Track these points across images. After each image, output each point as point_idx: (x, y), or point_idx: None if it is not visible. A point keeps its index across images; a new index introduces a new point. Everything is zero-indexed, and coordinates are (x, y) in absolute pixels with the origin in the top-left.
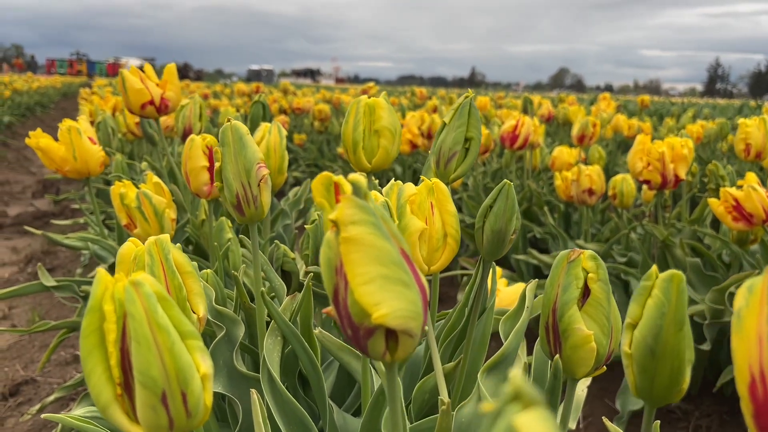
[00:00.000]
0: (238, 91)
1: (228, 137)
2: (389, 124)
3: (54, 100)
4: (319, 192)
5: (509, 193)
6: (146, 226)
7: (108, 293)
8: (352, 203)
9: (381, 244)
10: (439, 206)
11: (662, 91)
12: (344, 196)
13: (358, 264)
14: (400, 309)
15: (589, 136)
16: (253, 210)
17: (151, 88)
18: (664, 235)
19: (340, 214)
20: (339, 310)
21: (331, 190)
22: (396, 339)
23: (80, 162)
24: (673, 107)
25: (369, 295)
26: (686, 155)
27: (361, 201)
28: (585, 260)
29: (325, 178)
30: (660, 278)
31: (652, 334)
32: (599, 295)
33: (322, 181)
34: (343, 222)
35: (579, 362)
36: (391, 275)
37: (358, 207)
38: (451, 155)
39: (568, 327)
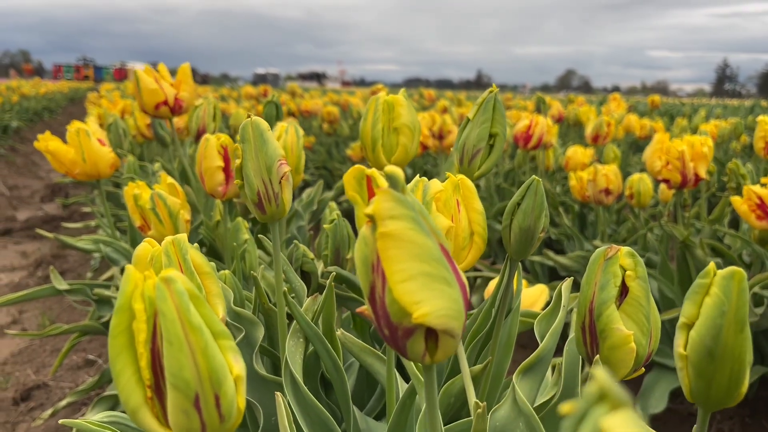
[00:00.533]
0: (245, 94)
1: (248, 133)
2: (409, 121)
3: (61, 105)
4: (351, 186)
5: (538, 190)
6: (161, 227)
7: (138, 291)
8: (390, 196)
9: (421, 240)
10: (466, 203)
11: (670, 92)
12: (381, 189)
13: (397, 261)
14: (441, 308)
15: (604, 136)
16: (275, 208)
17: (165, 88)
18: (685, 236)
19: (377, 208)
20: (375, 309)
21: (364, 184)
22: (436, 339)
23: (90, 164)
24: (684, 107)
25: (409, 294)
26: (706, 153)
27: (398, 194)
28: (622, 257)
29: (357, 171)
30: (719, 275)
31: (711, 335)
32: (638, 294)
33: (354, 174)
34: (381, 216)
35: (618, 364)
36: (432, 272)
37: (396, 200)
38: (475, 152)
39: (606, 327)
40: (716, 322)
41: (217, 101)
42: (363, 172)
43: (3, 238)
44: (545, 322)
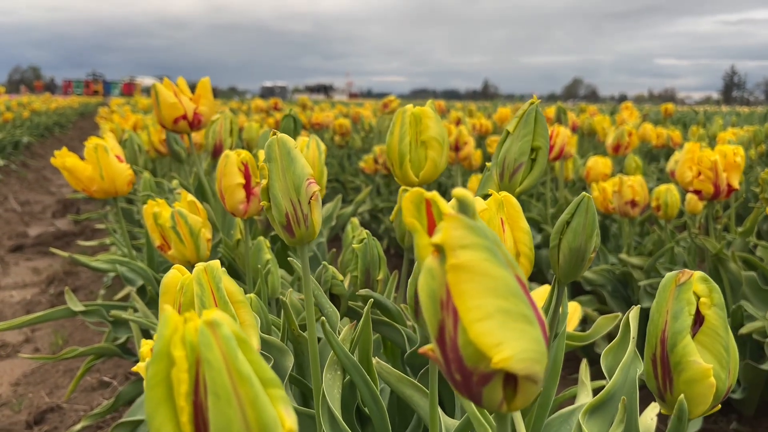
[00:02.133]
0: (255, 108)
1: (275, 152)
2: (437, 134)
3: (71, 120)
4: (410, 211)
5: (589, 207)
6: (181, 247)
7: (177, 335)
8: (461, 224)
9: (498, 273)
10: (511, 222)
11: (677, 99)
12: (450, 216)
13: (472, 296)
14: (524, 350)
15: (625, 146)
16: (304, 230)
17: (184, 102)
18: (717, 248)
19: (446, 237)
20: (445, 351)
21: (423, 209)
22: (515, 385)
23: (107, 181)
24: (697, 116)
25: (487, 334)
26: (739, 163)
27: (470, 221)
28: (696, 283)
29: (416, 195)
30: None
31: None
32: (715, 323)
33: (412, 198)
34: (451, 246)
35: (695, 399)
36: (512, 309)
37: (468, 228)
38: (516, 167)
39: (682, 359)
40: None
41: (234, 116)
42: (422, 195)
43: (15, 255)
44: (612, 356)
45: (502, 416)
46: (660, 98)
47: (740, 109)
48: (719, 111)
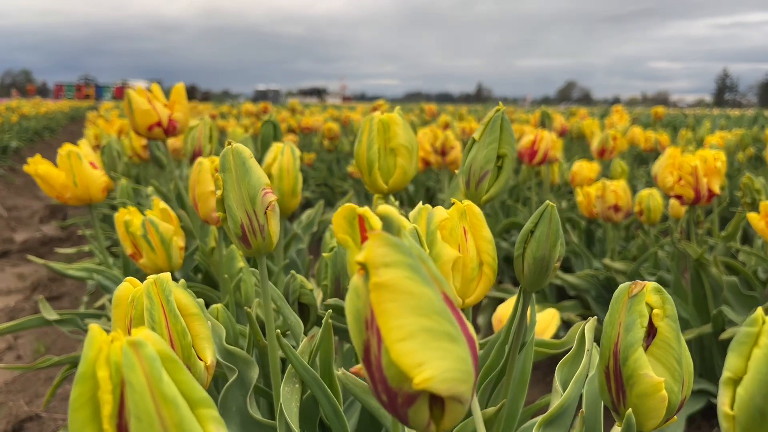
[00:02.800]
0: (245, 112)
1: (229, 162)
2: (406, 141)
3: (62, 125)
4: (341, 227)
5: (552, 216)
6: (152, 255)
7: (102, 356)
8: (384, 241)
9: (421, 291)
10: (473, 231)
11: (671, 102)
12: (373, 233)
13: (394, 316)
14: (447, 370)
15: (610, 150)
16: (260, 241)
17: (158, 108)
18: (699, 253)
19: (369, 255)
20: (371, 371)
21: (356, 225)
22: (442, 406)
23: (81, 188)
24: (687, 119)
25: (409, 354)
26: (720, 168)
27: (394, 238)
28: (649, 294)
29: (347, 210)
30: None
31: (762, 393)
32: (668, 335)
33: (344, 214)
34: (374, 264)
35: (648, 413)
36: (435, 328)
37: (391, 246)
38: (482, 174)
39: (634, 373)
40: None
41: (214, 121)
42: (354, 211)
43: (0, 261)
44: (567, 368)
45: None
46: (653, 101)
47: (731, 111)
48: (710, 114)
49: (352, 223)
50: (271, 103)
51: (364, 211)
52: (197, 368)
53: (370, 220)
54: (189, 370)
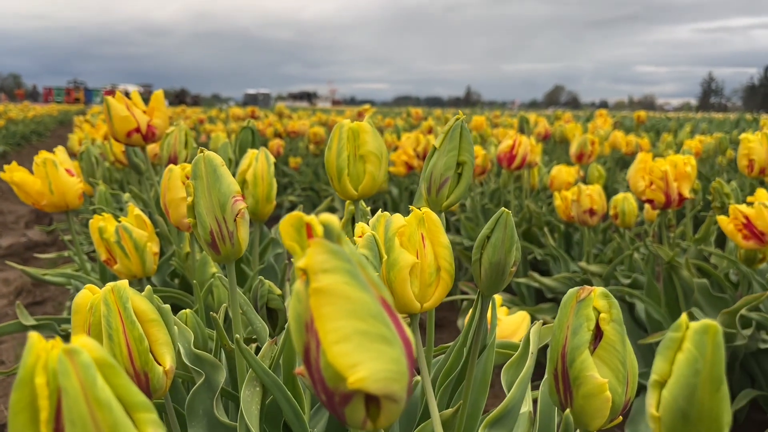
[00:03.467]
0: (233, 116)
1: (200, 169)
2: (375, 148)
3: (50, 129)
4: (289, 235)
5: (508, 222)
6: (126, 261)
7: (41, 363)
8: (324, 248)
9: (357, 295)
10: (431, 237)
11: (657, 106)
12: (314, 241)
13: (331, 319)
14: (380, 370)
15: (588, 154)
16: (230, 247)
17: (137, 115)
18: (670, 256)
19: (309, 262)
20: (311, 372)
21: (303, 233)
22: (378, 404)
23: (57, 195)
24: (670, 122)
25: (344, 356)
26: (689, 173)
27: (333, 245)
28: (596, 299)
29: (295, 218)
30: (692, 329)
31: (684, 395)
32: (613, 338)
33: (291, 221)
34: (314, 270)
35: (593, 413)
36: (370, 331)
37: (330, 253)
38: (443, 181)
39: (580, 374)
40: (690, 381)
41: (200, 125)
42: (302, 219)
43: None
44: (513, 371)
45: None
46: (640, 105)
47: (715, 115)
48: (693, 118)
49: (300, 231)
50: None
51: (310, 219)
52: (155, 373)
53: (316, 228)
54: (146, 375)
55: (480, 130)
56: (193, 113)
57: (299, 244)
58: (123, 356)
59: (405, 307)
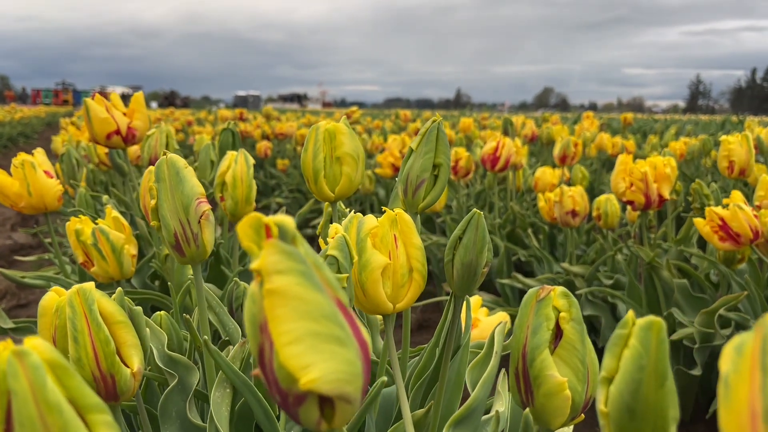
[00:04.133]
0: (221, 118)
1: (163, 172)
2: (351, 150)
3: (38, 131)
4: (248, 235)
5: (479, 223)
6: (104, 263)
7: None
8: (277, 249)
9: (311, 297)
10: (404, 239)
11: (645, 108)
12: (268, 242)
13: (284, 320)
14: (333, 372)
15: (571, 156)
16: (194, 249)
17: (117, 117)
18: (650, 257)
19: (263, 263)
20: (266, 373)
21: (262, 233)
22: (332, 405)
23: (36, 197)
24: (657, 124)
25: (296, 357)
26: (669, 174)
27: (287, 246)
28: (556, 298)
29: (253, 219)
30: (637, 326)
31: (630, 390)
32: (572, 337)
33: (250, 222)
34: (267, 272)
35: (553, 412)
36: (323, 332)
37: (283, 254)
38: (419, 183)
39: (540, 373)
40: (635, 377)
41: (170, 130)
42: (260, 220)
43: None
44: (478, 370)
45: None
46: (628, 107)
47: (702, 117)
48: (679, 120)
49: (258, 232)
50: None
51: (270, 220)
52: (122, 375)
53: (274, 230)
54: (113, 377)
55: (468, 131)
56: (181, 115)
57: (257, 245)
58: (89, 358)
59: (377, 308)
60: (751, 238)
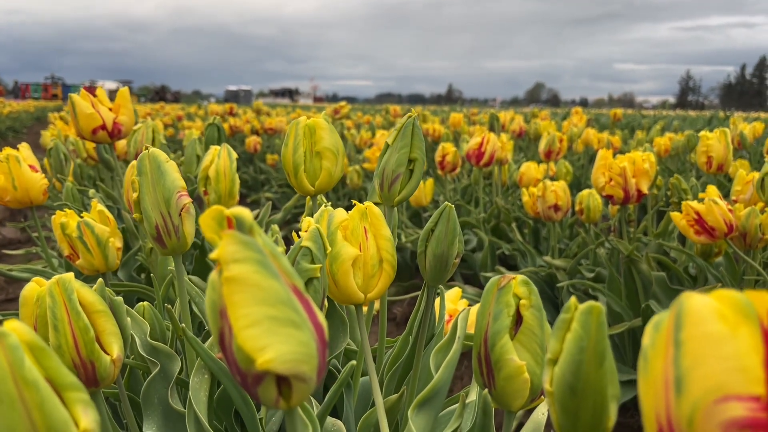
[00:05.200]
0: (211, 112)
1: (145, 166)
2: (331, 144)
3: (27, 125)
4: (210, 227)
5: (450, 216)
6: (89, 256)
7: None
8: (235, 240)
9: (267, 283)
10: (374, 231)
11: (636, 104)
12: (226, 233)
13: (241, 305)
14: (288, 352)
15: (556, 152)
16: (175, 241)
17: (102, 112)
18: (629, 250)
19: (221, 252)
20: (227, 355)
21: (224, 225)
22: (289, 384)
23: (21, 191)
24: (644, 120)
25: (253, 339)
26: (648, 170)
27: (245, 237)
28: (516, 286)
29: (216, 212)
30: (579, 310)
31: (571, 370)
32: (531, 323)
33: (213, 215)
34: (226, 260)
35: (513, 394)
36: (279, 316)
37: (241, 243)
38: (394, 177)
39: (501, 358)
40: (576, 357)
41: (155, 124)
42: (222, 213)
43: None
44: (441, 355)
45: (289, 412)
46: (619, 102)
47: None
48: (668, 115)
49: (221, 224)
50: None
51: (231, 212)
52: (102, 361)
53: (233, 221)
54: (93, 363)
55: (457, 127)
56: (171, 110)
57: (218, 236)
58: (69, 346)
59: (349, 298)
60: (726, 231)
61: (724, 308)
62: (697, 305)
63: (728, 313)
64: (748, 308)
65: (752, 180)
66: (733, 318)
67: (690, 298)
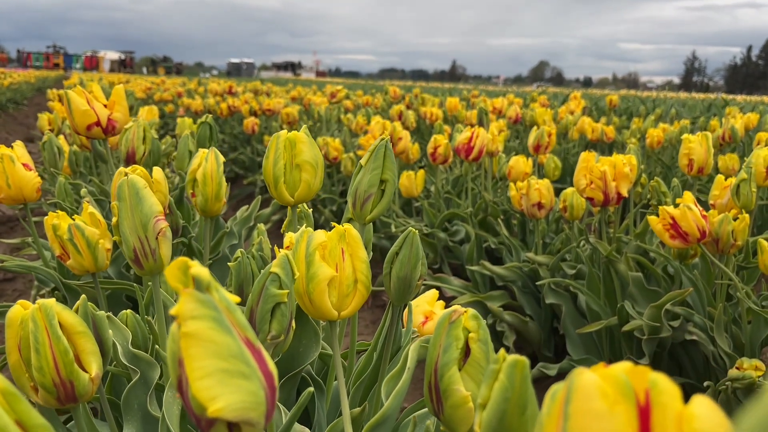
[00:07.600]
0: (211, 91)
1: (124, 192)
2: (310, 158)
3: (27, 96)
4: (176, 277)
5: (414, 241)
6: (79, 257)
7: None
8: (192, 298)
9: (220, 339)
10: (351, 252)
11: (640, 84)
12: (184, 291)
13: (196, 358)
14: (237, 401)
15: (545, 146)
16: (152, 263)
17: (97, 109)
18: (608, 251)
19: (180, 309)
20: (184, 400)
21: (189, 275)
22: (239, 428)
23: (14, 189)
24: (642, 106)
25: (206, 390)
26: (628, 173)
27: (202, 295)
28: (466, 320)
29: (181, 263)
30: (506, 363)
31: (497, 417)
32: (478, 356)
33: (178, 265)
34: (184, 317)
35: (459, 421)
36: (230, 368)
37: (198, 302)
38: (366, 197)
39: (448, 387)
40: (501, 406)
41: (147, 124)
42: (187, 264)
43: None
44: (392, 383)
45: None
46: (624, 82)
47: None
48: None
49: (186, 273)
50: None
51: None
52: (81, 380)
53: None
54: (72, 383)
55: (454, 112)
56: (172, 85)
57: (183, 286)
58: (50, 367)
59: (323, 315)
60: (698, 237)
61: (607, 386)
62: (584, 382)
63: (609, 391)
64: (626, 387)
65: (729, 185)
66: (613, 396)
67: (580, 375)
